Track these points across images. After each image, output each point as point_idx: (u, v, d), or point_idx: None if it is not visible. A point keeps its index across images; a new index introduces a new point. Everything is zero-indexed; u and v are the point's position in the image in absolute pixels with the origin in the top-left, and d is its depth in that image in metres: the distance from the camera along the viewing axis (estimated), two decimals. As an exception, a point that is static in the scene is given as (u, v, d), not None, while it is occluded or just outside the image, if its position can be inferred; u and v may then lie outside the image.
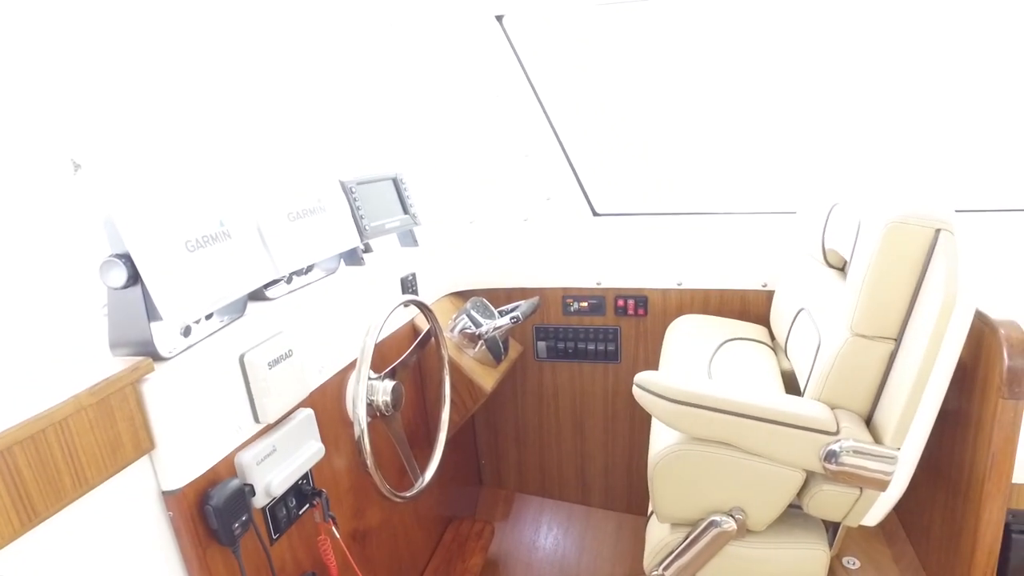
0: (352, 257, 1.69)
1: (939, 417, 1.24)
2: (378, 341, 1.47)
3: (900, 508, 1.31)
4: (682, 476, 1.32)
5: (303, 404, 1.34)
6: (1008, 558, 1.31)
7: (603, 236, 2.17)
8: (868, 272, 1.21)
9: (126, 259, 0.99)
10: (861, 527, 1.52)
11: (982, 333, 1.21)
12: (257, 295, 1.35)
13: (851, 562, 1.51)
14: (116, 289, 1.01)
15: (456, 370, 1.88)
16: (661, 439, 1.36)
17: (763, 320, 2.10)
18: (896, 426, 1.19)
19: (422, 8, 1.89)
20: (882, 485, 1.21)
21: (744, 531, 1.32)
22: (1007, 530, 1.29)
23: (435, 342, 1.75)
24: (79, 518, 0.91)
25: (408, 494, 1.53)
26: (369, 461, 1.37)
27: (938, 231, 1.16)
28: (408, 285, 1.87)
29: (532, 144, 2.08)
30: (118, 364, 0.97)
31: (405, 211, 1.96)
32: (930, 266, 1.17)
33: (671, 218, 2.14)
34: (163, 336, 1.08)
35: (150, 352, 1.03)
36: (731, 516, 1.31)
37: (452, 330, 1.98)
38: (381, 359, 1.64)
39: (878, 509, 1.28)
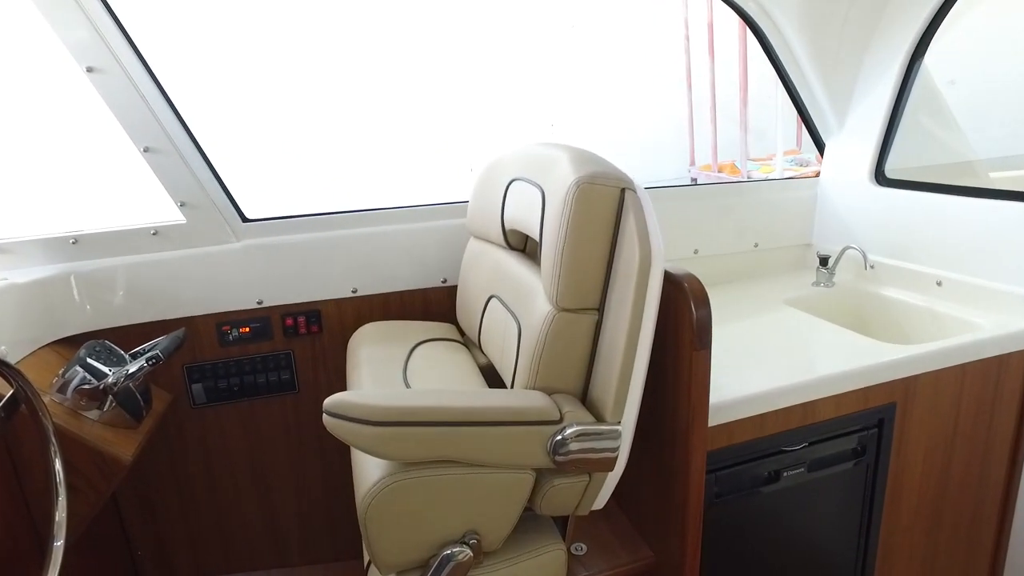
0: None
1: None
2: None
3: None
4: (401, 513, 1.08)
5: None
6: (706, 498, 1.36)
7: (259, 246, 1.81)
8: (566, 237, 1.13)
9: None
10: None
11: (666, 291, 1.22)
12: None
13: (579, 548, 1.46)
14: None
15: (75, 443, 1.35)
16: (368, 473, 1.10)
17: (449, 317, 1.99)
18: (614, 399, 1.13)
19: None
20: (610, 464, 1.14)
21: (480, 555, 1.14)
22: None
23: (27, 411, 1.21)
24: None
25: None
26: None
27: (623, 190, 1.13)
28: (-29, 339, 1.27)
29: (154, 136, 1.62)
30: None
31: (-47, 232, 1.36)
32: (621, 224, 1.13)
33: (337, 217, 1.89)
34: None
35: None
36: (465, 544, 1.11)
37: (61, 390, 1.43)
38: None
39: (606, 490, 1.21)
